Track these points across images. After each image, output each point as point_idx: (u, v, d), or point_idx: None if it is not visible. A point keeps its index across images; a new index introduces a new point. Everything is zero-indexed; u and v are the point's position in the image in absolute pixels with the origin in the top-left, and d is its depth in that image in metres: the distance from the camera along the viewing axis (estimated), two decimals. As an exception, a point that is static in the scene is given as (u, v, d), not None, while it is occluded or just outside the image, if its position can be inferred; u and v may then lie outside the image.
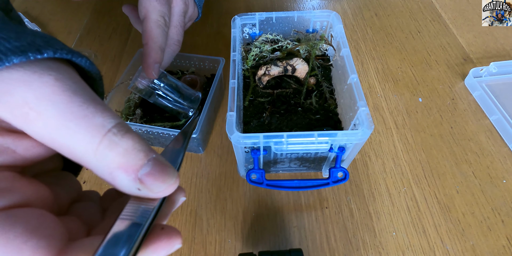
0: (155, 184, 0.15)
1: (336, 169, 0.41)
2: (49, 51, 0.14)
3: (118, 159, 0.14)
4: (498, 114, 0.51)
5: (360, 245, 0.42)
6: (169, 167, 0.16)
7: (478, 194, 0.45)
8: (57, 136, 0.14)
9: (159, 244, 0.15)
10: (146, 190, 0.15)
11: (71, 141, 0.14)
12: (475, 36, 0.66)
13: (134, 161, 0.15)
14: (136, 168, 0.15)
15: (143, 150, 0.15)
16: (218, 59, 0.53)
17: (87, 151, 0.14)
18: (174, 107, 0.47)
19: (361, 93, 0.38)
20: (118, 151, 0.14)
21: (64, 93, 0.14)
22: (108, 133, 0.14)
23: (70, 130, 0.14)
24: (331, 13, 0.49)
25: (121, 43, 0.68)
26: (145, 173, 0.15)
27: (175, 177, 0.16)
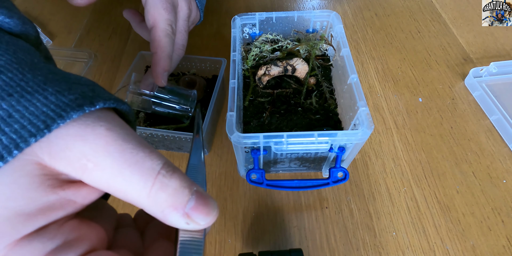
0: (201, 218, 0.16)
1: (336, 169, 0.41)
2: (100, 103, 0.16)
3: (169, 199, 0.16)
4: (498, 114, 0.51)
5: (360, 245, 0.42)
6: (209, 197, 0.17)
7: (478, 194, 0.45)
8: (114, 183, 0.15)
9: None
10: (194, 224, 0.16)
11: (127, 187, 0.15)
12: (475, 36, 0.66)
13: (182, 198, 0.16)
14: (184, 205, 0.16)
15: (187, 186, 0.16)
16: (219, 60, 0.53)
17: (141, 194, 0.15)
18: (174, 112, 0.47)
19: (361, 93, 0.38)
20: (169, 192, 0.16)
21: (116, 142, 0.15)
22: (159, 176, 0.16)
23: (125, 177, 0.15)
24: (331, 13, 0.49)
25: (121, 43, 0.68)
26: (190, 207, 0.16)
27: (216, 206, 0.17)
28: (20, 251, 0.14)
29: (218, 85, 0.49)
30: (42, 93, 0.15)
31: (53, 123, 0.14)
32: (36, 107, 0.14)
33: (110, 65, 0.64)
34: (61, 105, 0.14)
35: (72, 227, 0.16)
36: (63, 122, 0.14)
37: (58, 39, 0.69)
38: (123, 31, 0.71)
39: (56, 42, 0.69)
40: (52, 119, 0.14)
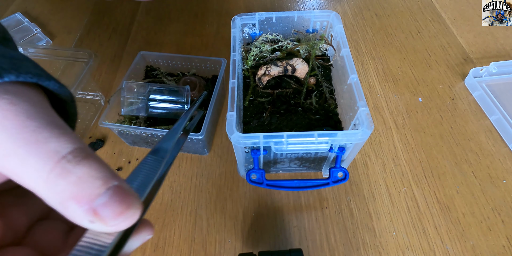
0: (111, 217, 0.13)
1: (336, 169, 0.41)
2: (11, 75, 0.14)
3: (71, 188, 0.13)
4: (498, 114, 0.51)
5: (360, 245, 0.42)
6: (132, 197, 0.14)
7: (478, 194, 0.45)
8: (7, 163, 0.13)
9: None
10: (100, 223, 0.13)
11: (21, 169, 0.13)
12: (475, 36, 0.66)
13: (89, 190, 0.13)
14: (90, 199, 0.13)
15: (101, 177, 0.14)
16: (219, 60, 0.53)
17: (37, 179, 0.13)
18: (171, 111, 0.48)
19: (361, 93, 0.38)
20: (70, 180, 0.13)
21: (16, 117, 0.13)
22: (62, 160, 0.13)
23: (19, 157, 0.13)
24: (331, 13, 0.49)
25: (121, 43, 0.68)
26: (101, 203, 0.13)
27: (136, 208, 0.14)
28: None
29: (218, 85, 0.49)
30: None
31: None
32: None
33: (110, 65, 0.64)
34: None
35: None
36: None
37: (58, 39, 0.69)
38: (123, 31, 0.71)
39: (56, 42, 0.69)
40: None
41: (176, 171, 0.49)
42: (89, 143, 0.52)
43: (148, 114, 0.48)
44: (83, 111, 0.55)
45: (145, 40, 0.69)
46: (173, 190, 0.47)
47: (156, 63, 0.57)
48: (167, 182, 0.48)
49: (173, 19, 0.73)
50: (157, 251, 0.42)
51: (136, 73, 0.54)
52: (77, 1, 0.78)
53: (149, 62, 0.58)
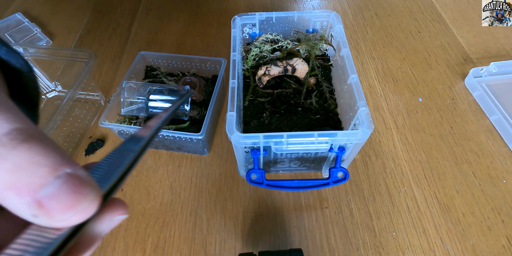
0: (58, 210, 0.11)
1: (336, 169, 0.41)
2: None
3: (7, 177, 0.11)
4: (498, 114, 0.51)
5: (360, 245, 0.42)
6: (88, 185, 0.12)
7: (478, 194, 0.45)
8: None
9: None
10: (45, 217, 0.11)
11: None
12: (475, 36, 0.66)
13: (31, 179, 0.11)
14: (33, 189, 0.11)
15: (47, 164, 0.11)
16: (219, 60, 0.53)
17: None
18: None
19: (361, 93, 0.38)
20: (5, 167, 0.11)
21: None
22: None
23: None
24: (331, 13, 0.49)
25: (121, 43, 0.68)
26: (48, 194, 0.11)
27: (90, 200, 0.12)
28: None
29: (218, 85, 0.49)
30: None
31: None
32: None
33: (110, 65, 0.64)
34: None
35: None
36: None
37: (58, 39, 0.69)
38: (123, 31, 0.71)
39: (56, 42, 0.69)
40: None
41: (176, 171, 0.49)
42: (89, 143, 0.52)
43: (148, 114, 0.48)
44: (83, 111, 0.55)
45: (145, 40, 0.69)
46: (173, 190, 0.47)
47: (156, 63, 0.57)
48: (167, 182, 0.48)
49: (173, 19, 0.73)
50: (157, 251, 0.42)
51: (136, 73, 0.54)
52: (77, 1, 0.78)
53: (149, 62, 0.58)
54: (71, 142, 0.51)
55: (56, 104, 0.58)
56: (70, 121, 0.52)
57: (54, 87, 0.59)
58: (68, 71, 0.56)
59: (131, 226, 0.44)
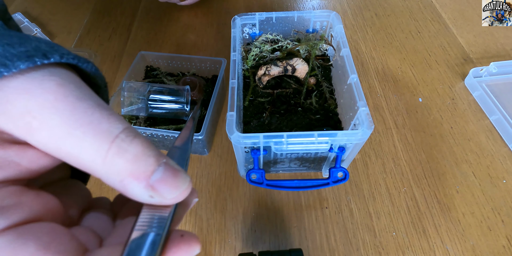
0: (168, 190, 0.14)
1: (336, 169, 0.41)
2: (56, 56, 0.14)
3: (128, 166, 0.14)
4: (498, 114, 0.51)
5: (360, 245, 0.42)
6: (181, 171, 0.15)
7: (478, 194, 0.45)
8: (63, 145, 0.13)
9: (179, 253, 0.14)
10: (159, 197, 0.14)
11: (78, 150, 0.13)
12: (475, 36, 0.66)
13: (145, 167, 0.14)
14: (147, 175, 0.14)
15: (153, 155, 0.14)
16: (219, 60, 0.53)
17: (95, 159, 0.13)
18: (171, 111, 0.48)
19: (361, 93, 0.38)
20: (127, 158, 0.13)
21: (67, 99, 0.13)
22: (116, 139, 0.14)
23: (76, 138, 0.13)
24: (331, 13, 0.49)
25: (121, 43, 0.68)
26: (156, 179, 0.14)
27: (187, 181, 0.15)
28: None
29: (218, 85, 0.49)
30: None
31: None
32: None
33: (110, 65, 0.64)
34: (8, 55, 0.13)
35: (11, 192, 0.14)
36: (8, 71, 0.12)
37: (58, 39, 0.69)
38: (123, 31, 0.71)
39: (56, 42, 0.68)
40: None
41: (176, 171, 0.49)
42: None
43: (148, 114, 0.48)
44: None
45: (145, 40, 0.69)
46: (173, 190, 0.47)
47: (156, 63, 0.57)
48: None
49: (173, 19, 0.73)
50: (157, 251, 0.42)
51: (136, 73, 0.54)
52: (77, 1, 0.78)
53: (149, 62, 0.58)
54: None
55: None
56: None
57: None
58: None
59: (131, 226, 0.44)
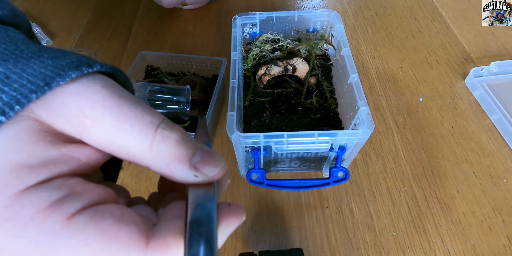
0: (209, 169, 0.16)
1: (337, 168, 0.41)
2: (97, 65, 0.16)
3: (173, 151, 0.16)
4: (499, 114, 0.51)
5: (361, 244, 0.42)
6: (215, 153, 0.17)
7: (478, 194, 0.45)
8: (114, 139, 0.15)
9: (231, 219, 0.17)
10: (202, 175, 0.16)
11: (128, 142, 0.15)
12: (476, 35, 0.66)
13: (186, 150, 0.16)
14: (189, 157, 0.16)
15: (191, 140, 0.16)
16: (220, 60, 0.53)
17: (144, 148, 0.15)
18: (172, 111, 0.48)
19: (362, 92, 0.38)
20: (171, 143, 0.16)
21: (112, 97, 0.15)
22: (159, 129, 0.16)
23: (125, 131, 0.15)
24: (332, 13, 0.49)
25: (121, 43, 0.68)
26: (197, 160, 0.16)
27: (223, 160, 0.17)
28: (25, 200, 0.14)
29: (219, 85, 0.48)
30: (38, 58, 0.15)
31: (52, 81, 0.15)
32: (33, 69, 0.15)
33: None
34: (58, 66, 0.15)
35: (78, 182, 0.15)
36: (63, 80, 0.15)
37: (58, 39, 0.69)
38: (123, 31, 0.71)
39: (56, 42, 0.69)
40: (51, 77, 0.15)
41: (176, 171, 0.49)
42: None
43: None
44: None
45: (146, 40, 0.69)
46: (173, 190, 0.47)
47: (156, 63, 0.57)
48: (167, 182, 0.48)
49: (174, 19, 0.73)
50: (158, 250, 0.42)
51: (137, 73, 0.54)
52: (77, 1, 0.78)
53: (150, 62, 0.58)
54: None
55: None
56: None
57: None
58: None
59: (132, 225, 0.44)
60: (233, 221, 0.17)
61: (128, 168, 0.50)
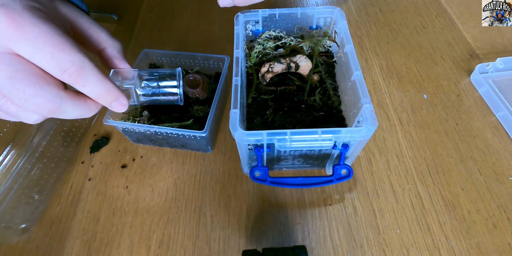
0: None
1: (340, 166, 0.41)
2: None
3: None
4: (504, 111, 0.50)
5: (364, 242, 0.42)
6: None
7: (483, 191, 0.45)
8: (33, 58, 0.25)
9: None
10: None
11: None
12: (481, 31, 0.65)
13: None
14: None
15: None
16: (223, 58, 0.53)
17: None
18: (164, 97, 0.42)
19: (365, 89, 0.38)
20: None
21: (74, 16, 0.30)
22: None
23: (40, 64, 0.26)
24: (335, 9, 0.48)
25: (125, 41, 0.68)
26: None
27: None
28: None
29: (222, 83, 0.48)
30: None
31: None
32: None
33: (114, 63, 0.64)
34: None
35: None
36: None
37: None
38: (126, 28, 0.71)
39: (60, 41, 0.69)
40: None
41: (180, 168, 0.50)
42: (93, 140, 0.53)
43: (140, 103, 0.44)
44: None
45: (149, 38, 0.69)
46: (177, 187, 0.48)
47: (159, 60, 0.58)
48: (171, 179, 0.48)
49: (177, 17, 0.73)
50: (162, 247, 0.43)
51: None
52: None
53: (153, 59, 0.58)
54: (72, 139, 0.52)
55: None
56: (71, 120, 0.52)
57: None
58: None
59: (136, 223, 0.45)
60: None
61: (132, 166, 0.50)
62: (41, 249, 0.43)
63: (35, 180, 0.45)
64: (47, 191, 0.47)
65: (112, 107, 0.30)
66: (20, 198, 0.43)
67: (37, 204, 0.45)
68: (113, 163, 0.51)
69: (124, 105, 0.30)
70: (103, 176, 0.50)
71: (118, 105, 0.30)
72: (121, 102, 0.30)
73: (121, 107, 0.30)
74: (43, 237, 0.44)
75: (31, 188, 0.44)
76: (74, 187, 0.48)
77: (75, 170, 0.50)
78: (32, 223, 0.45)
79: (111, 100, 0.29)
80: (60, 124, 0.49)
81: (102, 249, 0.43)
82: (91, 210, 0.46)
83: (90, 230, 0.44)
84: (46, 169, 0.46)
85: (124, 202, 0.47)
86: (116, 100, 0.29)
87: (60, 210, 0.46)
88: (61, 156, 0.49)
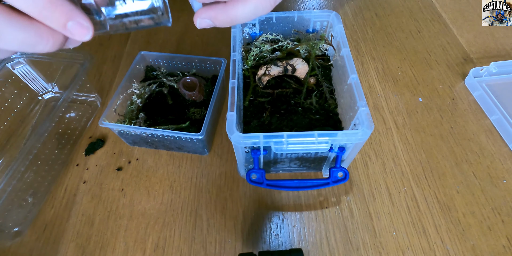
0: None
1: (336, 169, 0.41)
2: None
3: None
4: (498, 114, 0.51)
5: (360, 245, 0.42)
6: None
7: (478, 194, 0.45)
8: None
9: None
10: None
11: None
12: (475, 36, 0.66)
13: None
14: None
15: None
16: (219, 60, 0.53)
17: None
18: (144, 17, 0.32)
19: (361, 93, 0.38)
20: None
21: None
22: None
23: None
24: (331, 13, 0.49)
25: (121, 43, 0.68)
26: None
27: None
28: None
29: (218, 85, 0.49)
30: None
31: None
32: None
33: (110, 65, 0.64)
34: None
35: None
36: None
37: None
38: (123, 31, 0.71)
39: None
40: None
41: (176, 171, 0.49)
42: (89, 143, 0.52)
43: (114, 30, 0.32)
44: (79, 112, 0.55)
45: (145, 40, 0.69)
46: (173, 190, 0.47)
47: (156, 63, 0.57)
48: (167, 182, 0.48)
49: (173, 19, 0.73)
50: (157, 250, 0.42)
51: (136, 73, 0.54)
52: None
53: (149, 62, 0.58)
54: (67, 141, 0.51)
55: (52, 105, 0.58)
56: (65, 122, 0.51)
57: (50, 88, 0.59)
58: (67, 72, 0.56)
59: (131, 226, 0.44)
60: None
61: (127, 169, 0.50)
62: (34, 253, 0.43)
63: (28, 183, 0.44)
64: (41, 194, 0.46)
65: (71, 32, 0.21)
66: (13, 201, 0.42)
67: (31, 207, 0.45)
68: (108, 166, 0.50)
69: (86, 27, 0.21)
70: (98, 178, 0.49)
71: (77, 27, 0.21)
72: (79, 22, 0.21)
73: (82, 31, 0.21)
74: (36, 241, 0.43)
75: (25, 191, 0.44)
76: (69, 190, 0.48)
77: (70, 172, 0.50)
78: (25, 227, 0.44)
79: (63, 19, 0.20)
80: (55, 126, 0.49)
81: (96, 252, 0.42)
82: (85, 213, 0.46)
83: (85, 233, 0.44)
84: (40, 172, 0.46)
85: (119, 205, 0.46)
86: (70, 19, 0.20)
87: (54, 213, 0.46)
88: (56, 158, 0.49)
